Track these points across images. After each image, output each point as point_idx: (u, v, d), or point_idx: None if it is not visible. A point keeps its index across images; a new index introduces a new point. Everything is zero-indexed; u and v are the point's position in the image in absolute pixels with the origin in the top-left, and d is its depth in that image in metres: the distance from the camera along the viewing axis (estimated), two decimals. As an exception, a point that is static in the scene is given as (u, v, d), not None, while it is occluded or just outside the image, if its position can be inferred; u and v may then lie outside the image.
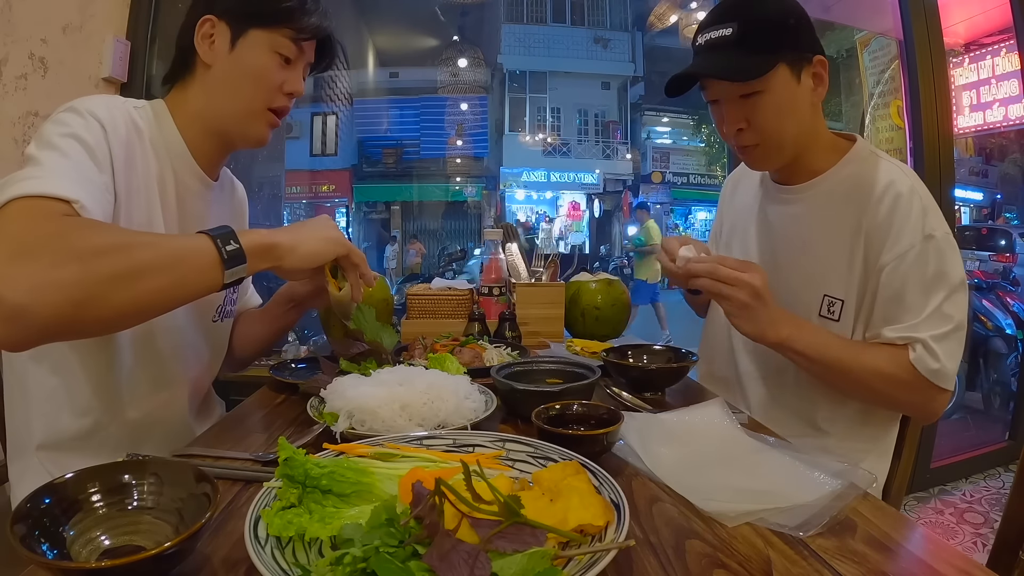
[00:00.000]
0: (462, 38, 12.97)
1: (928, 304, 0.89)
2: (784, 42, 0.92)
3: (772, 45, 0.91)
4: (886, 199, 0.92)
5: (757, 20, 0.91)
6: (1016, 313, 3.41)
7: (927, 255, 0.89)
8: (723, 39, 0.92)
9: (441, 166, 13.65)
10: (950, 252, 0.90)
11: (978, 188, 8.05)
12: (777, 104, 0.92)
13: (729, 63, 0.91)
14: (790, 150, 0.98)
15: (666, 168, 15.27)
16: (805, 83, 0.93)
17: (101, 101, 0.79)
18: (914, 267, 0.89)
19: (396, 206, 13.78)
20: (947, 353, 0.88)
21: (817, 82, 0.95)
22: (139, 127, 0.84)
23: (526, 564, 0.40)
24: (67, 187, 0.65)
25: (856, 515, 0.56)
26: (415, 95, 13.23)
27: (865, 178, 0.96)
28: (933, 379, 0.88)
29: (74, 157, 0.71)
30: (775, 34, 0.91)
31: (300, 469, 0.48)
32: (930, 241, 0.89)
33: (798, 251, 1.02)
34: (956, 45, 3.87)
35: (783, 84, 0.92)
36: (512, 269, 1.50)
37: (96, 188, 0.72)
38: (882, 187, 0.93)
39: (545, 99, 14.21)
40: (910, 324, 0.89)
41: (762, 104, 0.92)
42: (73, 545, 0.46)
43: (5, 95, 1.38)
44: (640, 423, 0.74)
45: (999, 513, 1.88)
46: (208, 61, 0.87)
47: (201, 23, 0.87)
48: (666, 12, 11.41)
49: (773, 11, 0.92)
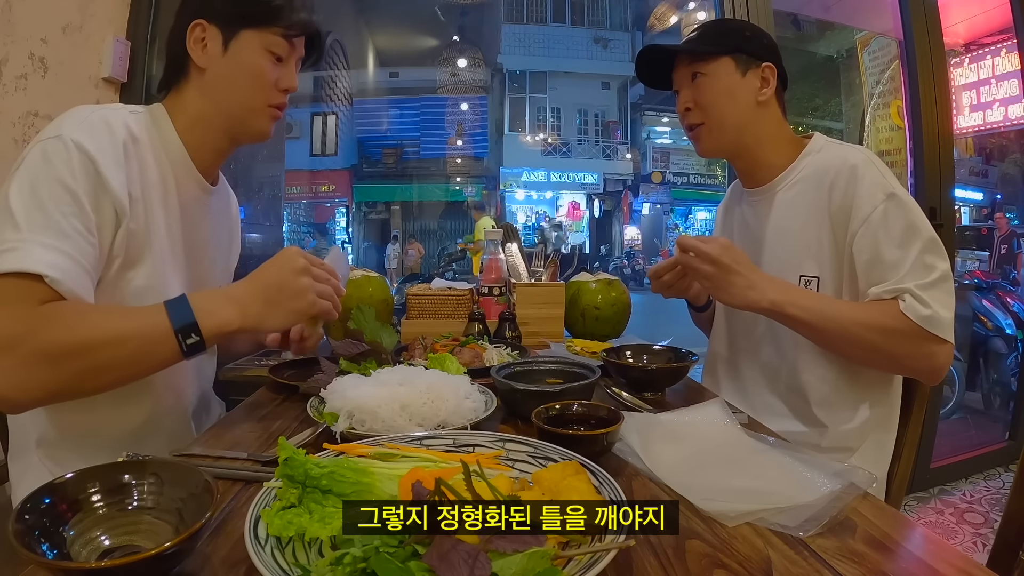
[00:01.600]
0: (462, 38, 12.99)
1: (907, 257, 0.91)
2: (735, 44, 1.06)
3: (723, 42, 1.06)
4: (843, 173, 0.97)
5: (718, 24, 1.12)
6: (1016, 313, 3.41)
7: (892, 212, 0.92)
8: (688, 37, 1.11)
9: (441, 166, 13.67)
10: (915, 208, 0.93)
11: (978, 188, 8.05)
12: (718, 88, 1.05)
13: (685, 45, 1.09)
14: (731, 134, 1.07)
15: (666, 168, 15.28)
16: (750, 80, 1.05)
17: (92, 123, 0.77)
18: (882, 226, 0.93)
19: (396, 206, 13.80)
20: (937, 300, 0.88)
21: (763, 84, 1.06)
22: (137, 137, 0.83)
23: (526, 564, 0.40)
24: (40, 259, 0.67)
25: (856, 515, 0.56)
26: (415, 95, 13.25)
27: (822, 163, 1.03)
28: (927, 326, 0.87)
29: (53, 211, 0.71)
30: (729, 36, 1.08)
31: (300, 469, 0.48)
32: (892, 199, 0.93)
33: (774, 241, 1.08)
34: (956, 45, 3.87)
35: (726, 72, 1.05)
36: (512, 269, 1.50)
37: (74, 244, 0.71)
38: (839, 164, 0.99)
39: (545, 99, 14.23)
40: (895, 279, 0.91)
41: (706, 86, 1.06)
42: (73, 545, 0.46)
43: (5, 95, 1.38)
44: (640, 423, 0.74)
45: (999, 513, 1.88)
46: (202, 65, 0.88)
47: (192, 28, 0.87)
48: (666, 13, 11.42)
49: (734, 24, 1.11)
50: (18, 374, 0.65)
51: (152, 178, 0.85)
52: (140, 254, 0.83)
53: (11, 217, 0.69)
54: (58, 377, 0.67)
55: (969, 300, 3.42)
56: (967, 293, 3.46)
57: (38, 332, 0.66)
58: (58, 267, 0.69)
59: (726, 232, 1.24)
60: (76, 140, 0.74)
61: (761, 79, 1.06)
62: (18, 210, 0.69)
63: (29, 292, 0.67)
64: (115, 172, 0.77)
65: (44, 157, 0.73)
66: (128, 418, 0.87)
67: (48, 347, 0.66)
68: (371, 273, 1.30)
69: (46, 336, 0.66)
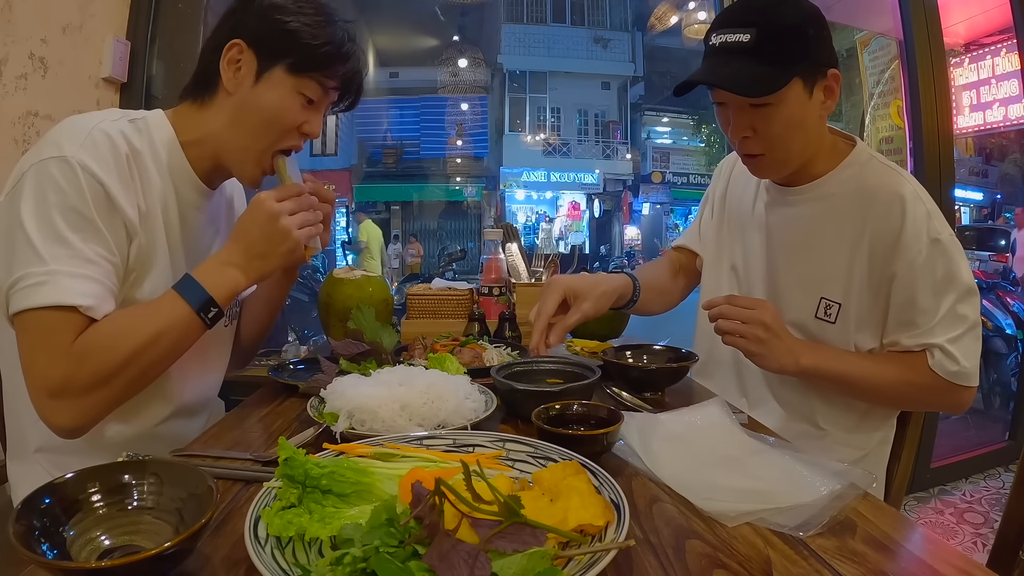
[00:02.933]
0: (462, 38, 12.98)
1: (940, 307, 0.89)
2: (801, 54, 0.89)
3: (789, 57, 0.87)
4: (892, 207, 0.91)
5: (776, 28, 0.87)
6: (1016, 313, 3.41)
7: (935, 259, 0.89)
8: (739, 45, 0.88)
9: (441, 166, 13.67)
10: (957, 255, 0.91)
11: (978, 188, 8.06)
12: (787, 118, 0.90)
13: (744, 74, 0.87)
14: (796, 162, 0.97)
15: (666, 168, 15.28)
16: (816, 97, 0.91)
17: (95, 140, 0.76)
18: (923, 272, 0.90)
19: (396, 206, 13.79)
20: (965, 353, 0.89)
21: (828, 95, 0.92)
22: (138, 150, 0.81)
23: (526, 564, 0.40)
24: (72, 289, 0.71)
25: (856, 515, 0.56)
26: (415, 95, 13.24)
27: (868, 183, 0.95)
28: (955, 380, 0.89)
29: (74, 240, 0.72)
30: (793, 45, 0.88)
31: (300, 469, 0.48)
32: (936, 245, 0.89)
33: (798, 253, 1.02)
34: (956, 45, 3.87)
35: (795, 99, 0.89)
36: (512, 269, 1.50)
37: (99, 269, 0.74)
38: (887, 194, 0.92)
39: (545, 99, 14.22)
40: (925, 329, 0.90)
41: (772, 116, 0.90)
42: (73, 545, 0.46)
43: (5, 95, 1.38)
44: (640, 423, 0.74)
45: (999, 513, 1.88)
46: (230, 89, 0.84)
47: (229, 47, 0.83)
48: (666, 13, 11.41)
49: (792, 19, 0.89)
50: (77, 408, 0.72)
51: (154, 189, 0.84)
52: (147, 266, 0.83)
53: (33, 249, 0.71)
54: (112, 393, 0.74)
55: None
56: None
57: (83, 365, 0.71)
58: (90, 294, 0.72)
59: (735, 215, 1.15)
60: (83, 163, 0.73)
61: (825, 89, 0.92)
62: (38, 242, 0.71)
63: (66, 324, 0.71)
64: (123, 193, 0.77)
65: (51, 182, 0.72)
66: (133, 427, 0.86)
67: (97, 375, 0.72)
68: (371, 273, 1.30)
69: (92, 366, 0.72)
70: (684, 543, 0.52)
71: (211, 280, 0.79)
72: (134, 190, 0.79)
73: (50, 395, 0.71)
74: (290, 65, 0.84)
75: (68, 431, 0.73)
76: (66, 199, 0.72)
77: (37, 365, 0.72)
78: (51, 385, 0.71)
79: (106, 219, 0.75)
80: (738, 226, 1.15)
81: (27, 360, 0.72)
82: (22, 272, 0.71)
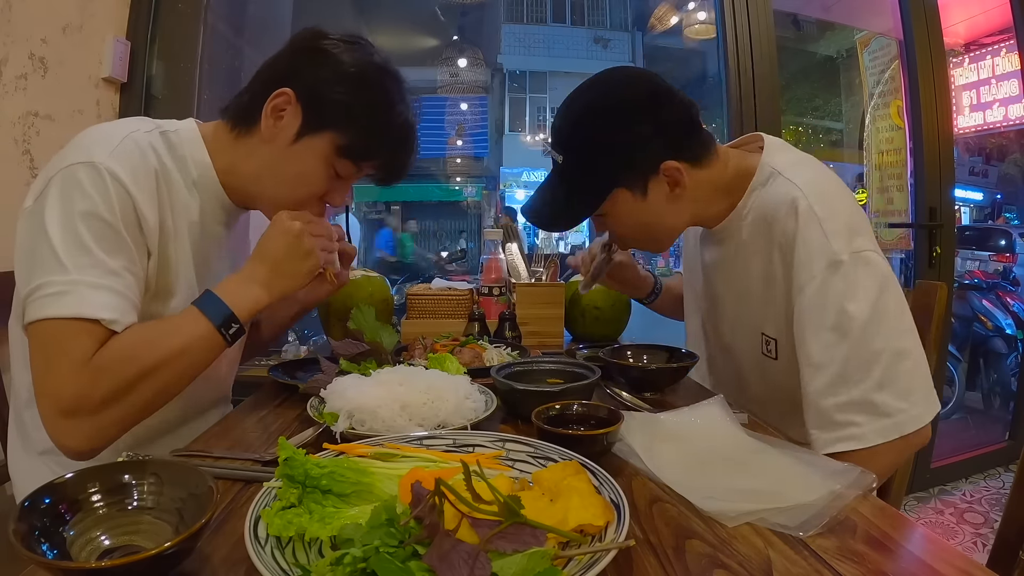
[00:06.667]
0: (462, 38, 12.96)
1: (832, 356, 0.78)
2: (615, 168, 0.86)
3: (601, 174, 0.87)
4: (787, 222, 0.83)
5: (579, 152, 0.87)
6: (1016, 313, 3.41)
7: (827, 290, 0.78)
8: (555, 165, 0.91)
9: (441, 166, 13.65)
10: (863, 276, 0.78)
11: (978, 188, 8.05)
12: (628, 222, 0.92)
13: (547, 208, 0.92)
14: (668, 238, 0.96)
15: (666, 168, 15.25)
16: (655, 193, 0.87)
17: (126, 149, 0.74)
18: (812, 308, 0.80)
19: (396, 206, 13.77)
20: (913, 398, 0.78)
21: (673, 184, 0.87)
22: (166, 164, 0.80)
23: (526, 564, 0.40)
24: (95, 302, 0.68)
25: (856, 515, 0.56)
26: (415, 95, 13.20)
27: (768, 202, 0.88)
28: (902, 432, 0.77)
29: (97, 249, 0.70)
30: (599, 163, 0.86)
31: (300, 469, 0.48)
32: (837, 270, 0.78)
33: (734, 293, 0.99)
34: (956, 45, 3.87)
35: (627, 205, 0.88)
36: (512, 269, 1.50)
37: (122, 281, 0.72)
38: (784, 208, 0.84)
39: (545, 99, 14.21)
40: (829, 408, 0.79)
41: (613, 223, 0.94)
42: (73, 545, 0.46)
43: (5, 95, 1.38)
44: (640, 423, 0.74)
45: (999, 513, 1.88)
46: (267, 137, 0.82)
47: (278, 93, 0.80)
48: (666, 14, 11.40)
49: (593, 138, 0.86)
50: (90, 427, 0.68)
51: (182, 207, 0.82)
52: (171, 285, 0.82)
53: (55, 256, 0.68)
54: (126, 411, 0.71)
55: (969, 300, 3.42)
56: (967, 293, 3.46)
57: (99, 380, 0.68)
58: (112, 307, 0.70)
59: (687, 255, 1.17)
60: (111, 170, 0.71)
61: (668, 181, 0.87)
62: (61, 250, 0.68)
63: (85, 337, 0.68)
64: (149, 206, 0.76)
65: (78, 187, 0.70)
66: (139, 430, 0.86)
67: (113, 389, 0.68)
68: (371, 273, 1.30)
69: (108, 380, 0.68)
70: (684, 543, 0.52)
71: (233, 296, 0.77)
72: (161, 206, 0.78)
73: (63, 414, 0.67)
74: (333, 139, 0.82)
75: (79, 453, 0.69)
76: (93, 205, 0.70)
77: (50, 379, 0.68)
78: (63, 403, 0.67)
79: (131, 231, 0.74)
80: (689, 267, 1.17)
81: (39, 374, 0.68)
82: (43, 280, 0.68)
